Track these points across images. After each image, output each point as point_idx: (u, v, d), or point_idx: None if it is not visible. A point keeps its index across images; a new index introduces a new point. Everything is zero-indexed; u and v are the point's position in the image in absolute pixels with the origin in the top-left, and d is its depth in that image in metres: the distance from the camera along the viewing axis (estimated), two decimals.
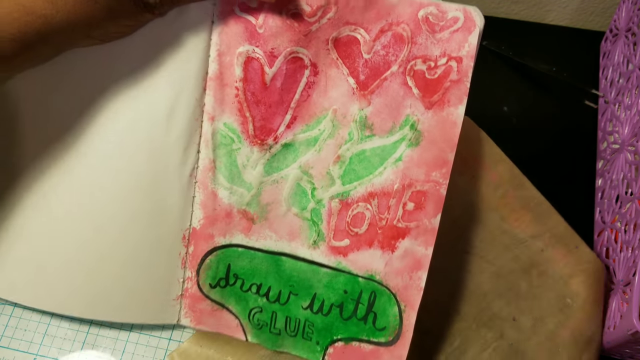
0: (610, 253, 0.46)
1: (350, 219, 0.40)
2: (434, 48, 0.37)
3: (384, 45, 0.38)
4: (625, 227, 0.44)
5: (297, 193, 0.41)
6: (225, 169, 0.40)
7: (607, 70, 0.57)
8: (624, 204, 0.45)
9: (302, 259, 0.42)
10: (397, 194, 0.39)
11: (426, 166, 0.38)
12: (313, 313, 0.42)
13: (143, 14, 0.35)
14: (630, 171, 0.46)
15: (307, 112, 0.39)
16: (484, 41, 0.60)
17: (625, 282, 0.41)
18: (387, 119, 0.38)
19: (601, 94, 0.56)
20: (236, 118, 0.39)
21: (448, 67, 0.37)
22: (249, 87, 0.38)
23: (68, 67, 0.38)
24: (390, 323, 0.40)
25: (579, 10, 0.65)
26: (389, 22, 0.37)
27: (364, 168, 0.40)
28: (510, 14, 0.66)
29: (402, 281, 0.39)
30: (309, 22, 0.37)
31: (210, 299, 0.43)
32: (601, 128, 0.55)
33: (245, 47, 0.38)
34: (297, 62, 0.38)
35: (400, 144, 0.39)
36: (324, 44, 0.38)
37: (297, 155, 0.40)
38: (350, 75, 0.38)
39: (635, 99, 0.48)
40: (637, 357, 0.44)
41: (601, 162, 0.53)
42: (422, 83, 0.38)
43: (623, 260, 0.42)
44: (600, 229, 0.49)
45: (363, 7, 0.37)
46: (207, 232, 0.42)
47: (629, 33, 0.53)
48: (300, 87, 0.39)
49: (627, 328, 0.38)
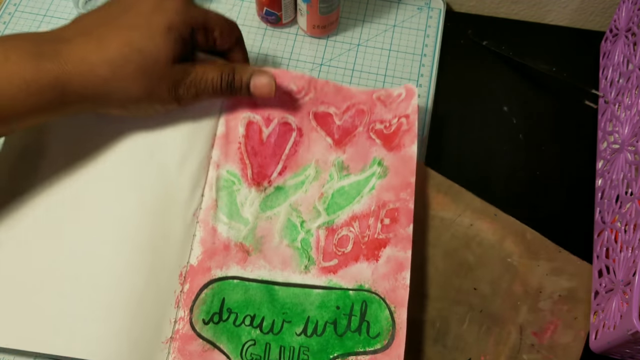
0: (610, 253, 0.46)
1: (337, 241, 0.46)
2: (387, 114, 0.50)
3: (351, 116, 0.50)
4: (625, 227, 0.44)
5: (288, 227, 0.47)
6: (226, 207, 0.47)
7: (607, 70, 0.57)
8: (624, 204, 0.45)
9: (295, 285, 0.45)
10: (374, 214, 0.46)
11: (394, 189, 0.47)
12: (307, 337, 0.43)
13: (172, 104, 0.45)
14: (630, 171, 0.46)
15: (295, 163, 0.49)
16: (484, 41, 0.60)
17: (625, 282, 0.41)
18: (359, 161, 0.49)
19: (601, 94, 0.56)
20: (238, 165, 0.48)
21: (399, 123, 0.49)
22: (249, 142, 0.49)
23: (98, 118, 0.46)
24: (383, 327, 0.42)
25: (579, 10, 0.65)
26: (352, 103, 0.51)
27: (344, 200, 0.48)
28: (510, 14, 0.66)
29: (389, 284, 0.44)
30: (296, 98, 0.50)
31: (202, 338, 0.43)
32: (601, 128, 0.55)
33: (247, 114, 0.49)
34: (286, 126, 0.49)
35: (371, 178, 0.48)
36: (307, 115, 0.50)
37: (288, 195, 0.48)
38: (327, 136, 0.50)
39: (635, 99, 0.48)
40: (637, 357, 0.44)
41: (601, 162, 0.53)
42: (382, 136, 0.49)
43: (623, 260, 0.42)
44: (600, 229, 0.49)
45: (333, 93, 0.51)
46: (205, 266, 0.45)
47: (629, 33, 0.53)
48: (289, 145, 0.49)
49: (627, 328, 0.38)
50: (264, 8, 0.58)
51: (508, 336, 0.45)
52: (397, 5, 0.62)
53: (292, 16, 0.60)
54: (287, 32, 0.61)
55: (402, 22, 0.61)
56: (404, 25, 0.61)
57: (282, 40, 0.60)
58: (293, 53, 0.59)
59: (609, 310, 0.43)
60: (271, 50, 0.59)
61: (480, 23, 0.62)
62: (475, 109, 0.58)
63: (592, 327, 0.46)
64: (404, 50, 0.59)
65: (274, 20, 0.59)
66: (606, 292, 0.45)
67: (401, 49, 0.60)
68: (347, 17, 0.61)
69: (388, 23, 0.61)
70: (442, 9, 0.62)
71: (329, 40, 0.60)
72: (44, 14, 0.61)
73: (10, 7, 0.61)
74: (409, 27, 0.61)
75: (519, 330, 0.45)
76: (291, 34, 0.60)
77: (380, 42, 0.60)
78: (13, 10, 0.61)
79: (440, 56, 0.59)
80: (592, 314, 0.47)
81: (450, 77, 0.58)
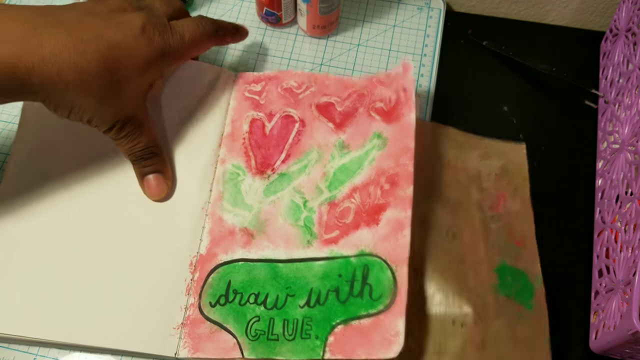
0: (610, 253, 0.46)
1: (338, 214, 0.47)
2: (387, 93, 0.50)
3: (352, 101, 0.51)
4: (625, 227, 0.44)
5: (291, 208, 0.48)
6: (231, 196, 0.49)
7: (607, 70, 0.57)
8: (624, 204, 0.45)
9: (298, 260, 0.45)
10: (374, 182, 0.46)
11: (394, 156, 0.46)
12: (310, 308, 0.43)
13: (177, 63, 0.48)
14: (630, 171, 0.46)
15: (298, 150, 0.50)
16: (484, 41, 0.60)
17: (625, 282, 0.41)
18: (359, 138, 0.49)
19: (601, 94, 0.56)
20: (242, 158, 0.50)
21: (398, 97, 0.49)
22: (253, 137, 0.51)
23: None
24: (385, 288, 0.42)
25: (579, 10, 0.65)
26: (354, 90, 0.52)
27: (345, 175, 0.48)
28: (510, 14, 0.66)
29: (389, 244, 0.44)
30: (296, 93, 0.52)
31: (209, 320, 0.44)
32: (601, 128, 0.55)
33: (251, 112, 0.52)
34: (289, 118, 0.52)
35: (371, 151, 0.48)
36: (309, 107, 0.52)
37: (291, 180, 0.49)
38: (329, 121, 0.51)
39: (635, 99, 0.48)
40: (637, 357, 0.44)
41: (601, 162, 0.53)
42: (382, 113, 0.49)
43: (623, 260, 0.42)
44: (600, 229, 0.49)
45: (334, 85, 0.52)
46: (212, 252, 0.46)
47: (629, 33, 0.53)
48: (292, 134, 0.51)
49: (627, 328, 0.38)
50: (264, 8, 0.58)
51: (473, 213, 0.50)
52: (397, 5, 0.62)
53: (292, 16, 0.60)
54: (287, 32, 0.61)
55: (402, 22, 0.61)
56: (404, 25, 0.61)
57: (282, 40, 0.60)
58: (293, 53, 0.59)
59: (609, 310, 0.43)
60: (271, 50, 0.59)
61: (480, 23, 0.62)
62: (475, 108, 0.58)
63: (592, 327, 0.46)
64: (404, 50, 0.60)
65: (274, 20, 0.59)
66: (606, 292, 0.45)
67: (401, 49, 0.60)
68: (347, 17, 0.62)
69: (388, 23, 0.61)
70: (442, 9, 0.62)
71: (329, 40, 0.60)
72: None
73: None
74: (409, 27, 0.61)
75: (478, 208, 0.50)
76: (291, 34, 0.60)
77: (380, 42, 0.60)
78: None
79: (440, 56, 0.60)
80: (592, 314, 0.47)
81: (450, 77, 0.58)
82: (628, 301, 0.39)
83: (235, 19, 0.61)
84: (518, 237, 0.49)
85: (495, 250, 0.48)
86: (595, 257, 0.49)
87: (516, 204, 0.51)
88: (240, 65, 0.58)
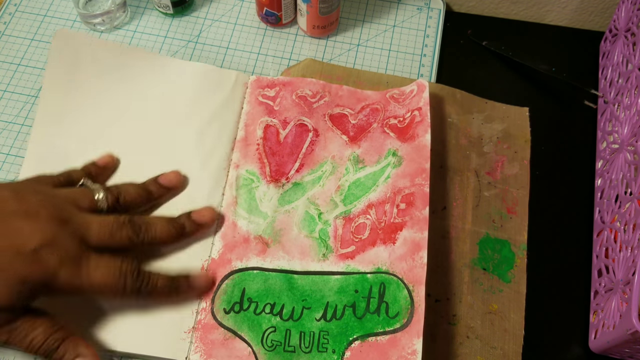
0: (610, 253, 0.46)
1: (354, 229, 0.47)
2: (400, 110, 0.52)
3: (365, 115, 0.53)
4: (624, 226, 0.44)
5: (306, 219, 0.48)
6: (245, 203, 0.49)
7: (607, 71, 0.57)
8: (623, 204, 0.45)
9: (313, 272, 0.46)
10: (390, 200, 0.47)
11: (410, 176, 0.48)
12: (327, 322, 0.43)
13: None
14: (630, 171, 0.46)
15: (311, 160, 0.51)
16: (483, 41, 0.61)
17: (625, 281, 0.41)
18: (374, 154, 0.50)
19: (600, 94, 0.56)
20: (256, 165, 0.50)
21: (413, 116, 0.51)
22: (267, 143, 0.51)
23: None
24: (402, 307, 0.43)
25: (578, 10, 0.65)
26: (367, 103, 0.53)
27: (360, 190, 0.49)
28: (510, 14, 0.66)
29: (406, 265, 0.44)
30: (311, 102, 0.53)
31: (223, 327, 0.44)
32: (600, 128, 0.55)
33: (265, 118, 0.52)
34: (303, 127, 0.52)
35: (387, 168, 0.49)
36: (322, 117, 0.52)
37: (305, 190, 0.49)
38: (342, 134, 0.52)
39: (634, 99, 0.48)
40: (637, 357, 0.44)
41: (600, 162, 0.53)
42: (397, 130, 0.51)
43: (622, 260, 0.43)
44: (600, 228, 0.49)
45: (347, 96, 0.54)
46: (225, 258, 0.46)
47: (629, 33, 0.53)
48: (306, 144, 0.51)
49: (626, 328, 0.38)
50: (264, 8, 0.58)
51: (468, 181, 0.51)
52: (397, 5, 0.62)
53: (292, 16, 0.60)
54: (287, 32, 0.61)
55: (402, 22, 0.61)
56: (404, 25, 0.61)
57: (282, 40, 0.60)
58: (293, 53, 0.59)
59: (608, 309, 0.43)
60: (271, 51, 0.59)
61: (480, 23, 0.63)
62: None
63: (592, 327, 0.46)
64: (404, 50, 0.60)
65: (274, 20, 0.59)
66: (605, 291, 0.45)
67: (401, 49, 0.60)
68: (347, 17, 0.62)
69: (388, 23, 0.61)
70: (442, 9, 0.62)
71: (329, 40, 0.60)
72: (44, 14, 0.61)
73: (11, 7, 0.62)
74: (409, 27, 0.61)
75: (475, 174, 0.51)
76: (291, 34, 0.60)
77: (380, 42, 0.60)
78: (13, 10, 0.61)
79: (440, 56, 0.60)
80: (592, 314, 0.47)
81: (450, 77, 0.58)
82: (627, 301, 0.40)
83: (236, 19, 0.61)
84: (511, 203, 0.51)
85: (483, 221, 0.49)
86: (594, 257, 0.49)
87: (514, 168, 0.52)
88: (241, 65, 0.58)
